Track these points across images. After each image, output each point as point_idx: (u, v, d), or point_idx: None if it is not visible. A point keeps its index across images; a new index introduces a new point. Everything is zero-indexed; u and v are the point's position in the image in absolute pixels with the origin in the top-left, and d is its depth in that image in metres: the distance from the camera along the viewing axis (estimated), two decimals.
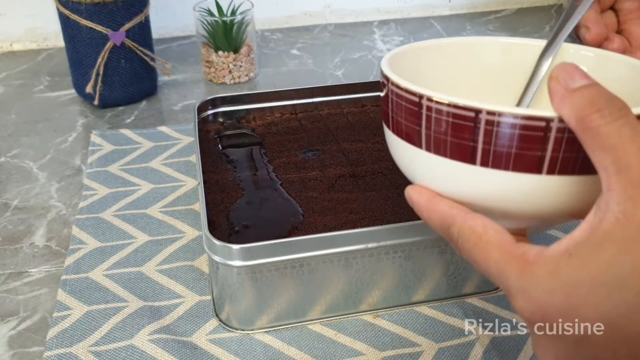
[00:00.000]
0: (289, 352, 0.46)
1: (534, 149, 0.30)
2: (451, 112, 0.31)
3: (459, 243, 0.32)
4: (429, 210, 0.34)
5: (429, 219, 0.34)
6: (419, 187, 0.35)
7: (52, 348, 0.46)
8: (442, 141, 0.32)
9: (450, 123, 0.32)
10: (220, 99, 0.64)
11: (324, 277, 0.46)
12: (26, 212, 0.61)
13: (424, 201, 0.35)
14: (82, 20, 0.73)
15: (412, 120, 0.34)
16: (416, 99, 0.33)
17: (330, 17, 1.04)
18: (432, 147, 0.33)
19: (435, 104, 0.32)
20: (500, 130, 0.30)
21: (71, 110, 0.80)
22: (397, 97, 0.35)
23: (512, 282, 0.29)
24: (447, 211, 0.33)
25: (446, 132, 0.32)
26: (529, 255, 0.29)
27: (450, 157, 0.32)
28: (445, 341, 0.47)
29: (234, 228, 0.49)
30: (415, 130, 0.34)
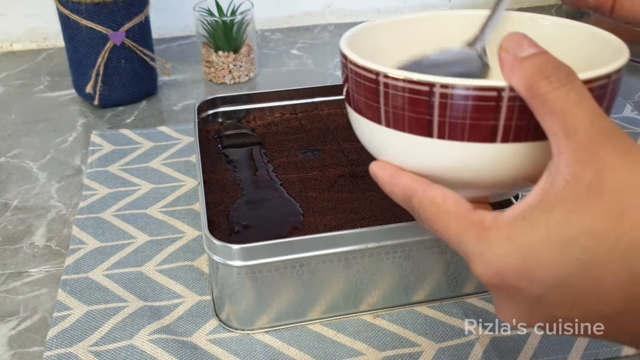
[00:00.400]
0: (289, 352, 0.46)
1: (487, 118, 0.31)
2: (407, 87, 0.32)
3: (420, 214, 0.33)
4: (392, 185, 0.35)
5: (392, 193, 0.35)
6: (382, 162, 0.36)
7: (52, 348, 0.46)
8: (400, 116, 0.33)
9: (406, 98, 0.32)
10: (220, 99, 0.64)
11: (324, 277, 0.46)
12: (26, 212, 0.61)
13: (387, 176, 0.35)
14: (82, 20, 0.73)
15: (371, 98, 0.35)
16: (373, 76, 0.34)
17: (330, 17, 1.04)
18: (391, 122, 0.34)
19: (392, 80, 0.33)
20: (454, 103, 0.31)
21: (71, 110, 0.80)
22: (355, 76, 0.35)
23: (470, 248, 0.30)
24: (409, 184, 0.34)
25: (403, 107, 0.33)
26: (485, 221, 0.29)
27: (409, 131, 0.33)
28: (445, 341, 0.47)
29: (234, 228, 0.49)
30: (374, 107, 0.35)
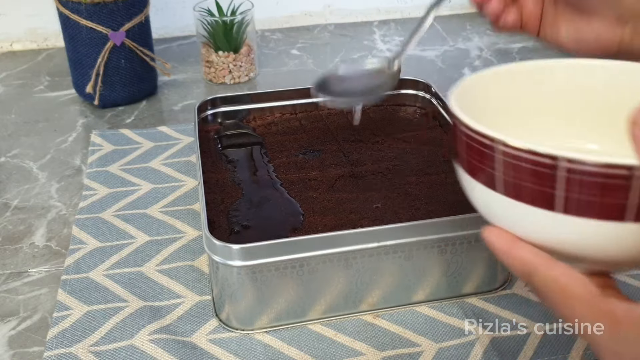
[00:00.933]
0: (289, 352, 0.46)
1: (616, 197, 0.29)
2: (528, 158, 0.30)
3: (542, 292, 0.31)
4: (509, 256, 0.33)
5: (509, 265, 0.33)
6: (498, 230, 0.34)
7: (52, 348, 0.46)
8: (519, 186, 0.31)
9: (527, 169, 0.30)
10: (220, 99, 0.64)
11: (324, 277, 0.46)
12: (26, 212, 0.61)
13: (503, 246, 0.33)
14: (82, 20, 0.73)
15: (487, 164, 0.32)
16: (490, 142, 0.31)
17: (330, 17, 1.04)
18: (509, 191, 0.32)
19: (511, 150, 0.30)
20: (580, 179, 0.29)
21: (71, 110, 0.80)
22: (468, 139, 0.33)
23: (603, 342, 0.28)
24: (529, 258, 0.32)
25: (523, 178, 0.30)
26: (617, 313, 0.28)
27: (529, 203, 0.31)
28: (445, 341, 0.47)
29: (234, 228, 0.49)
30: (490, 174, 0.32)
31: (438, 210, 0.51)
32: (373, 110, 0.66)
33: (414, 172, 0.56)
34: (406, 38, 0.52)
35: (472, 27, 1.02)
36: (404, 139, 0.60)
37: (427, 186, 0.54)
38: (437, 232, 0.46)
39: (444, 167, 0.56)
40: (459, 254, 0.47)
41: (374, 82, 0.54)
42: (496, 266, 0.49)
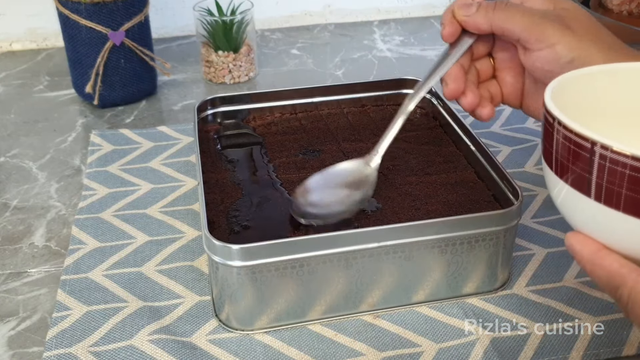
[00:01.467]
0: (289, 353, 0.46)
1: None
2: (630, 164, 0.29)
3: (629, 307, 0.30)
4: (594, 265, 0.32)
5: (593, 273, 0.32)
6: (583, 236, 0.33)
7: (52, 348, 0.46)
8: (615, 193, 0.30)
9: (628, 176, 0.29)
10: (220, 99, 0.64)
11: (324, 277, 0.46)
12: (26, 212, 0.61)
13: (588, 254, 0.32)
14: (82, 20, 0.73)
15: (581, 167, 0.31)
16: (588, 145, 0.30)
17: (330, 17, 1.04)
18: (602, 197, 0.30)
19: (612, 154, 0.29)
20: None
21: (71, 110, 0.79)
22: (564, 139, 0.32)
23: None
24: (616, 269, 0.31)
25: (622, 185, 0.29)
26: None
27: (624, 211, 0.30)
28: (445, 341, 0.46)
29: (233, 228, 0.49)
30: (583, 178, 0.31)
31: (438, 210, 0.51)
32: (373, 110, 0.66)
33: (414, 172, 0.56)
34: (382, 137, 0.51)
35: None
36: (404, 139, 0.60)
37: (427, 186, 0.54)
38: (437, 232, 0.46)
39: (444, 167, 0.56)
40: (459, 254, 0.47)
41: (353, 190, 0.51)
42: (496, 266, 0.49)
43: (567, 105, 0.33)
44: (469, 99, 0.48)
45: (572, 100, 0.36)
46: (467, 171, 0.55)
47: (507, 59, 0.50)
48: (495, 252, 0.48)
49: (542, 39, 0.44)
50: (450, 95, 0.48)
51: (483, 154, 0.54)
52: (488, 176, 0.53)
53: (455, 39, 0.50)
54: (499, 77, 0.51)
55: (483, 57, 0.51)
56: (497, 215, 0.46)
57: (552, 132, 0.33)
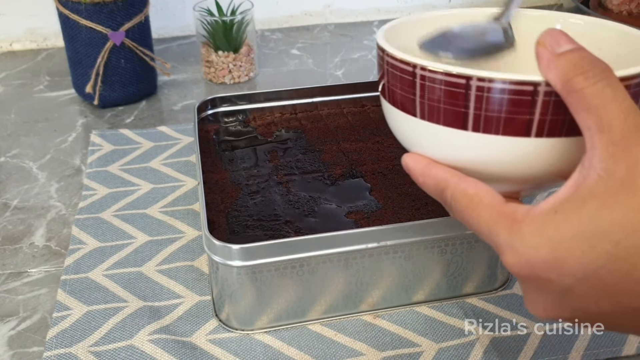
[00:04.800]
0: (289, 352, 0.46)
1: (522, 112, 0.31)
2: (444, 80, 0.33)
3: (452, 205, 0.34)
4: (424, 176, 0.36)
5: (424, 184, 0.36)
6: (415, 154, 0.37)
7: (52, 348, 0.46)
8: (435, 108, 0.34)
9: (443, 90, 0.33)
10: (220, 99, 0.64)
11: (324, 277, 0.46)
12: (26, 212, 0.61)
13: (419, 168, 0.36)
14: (82, 20, 0.73)
15: (407, 90, 0.35)
16: (410, 68, 0.34)
17: (330, 17, 1.04)
18: (426, 114, 0.34)
19: (429, 73, 0.33)
20: (490, 96, 0.31)
21: (71, 110, 0.80)
22: (392, 68, 0.36)
23: (501, 240, 0.30)
24: (441, 176, 0.35)
25: (439, 100, 0.33)
26: (517, 213, 0.30)
27: (444, 123, 0.34)
28: (445, 341, 0.46)
29: (233, 228, 0.49)
30: (410, 99, 0.35)
31: (438, 210, 0.51)
32: (373, 110, 0.66)
33: None
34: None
35: None
36: None
37: None
38: (437, 232, 0.46)
39: None
40: (459, 254, 0.47)
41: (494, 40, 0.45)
42: (496, 266, 0.49)
43: (399, 44, 0.37)
44: None
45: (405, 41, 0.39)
46: None
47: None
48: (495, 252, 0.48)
49: None
50: None
51: None
52: None
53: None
54: None
55: None
56: None
57: (383, 63, 0.37)
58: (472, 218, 0.32)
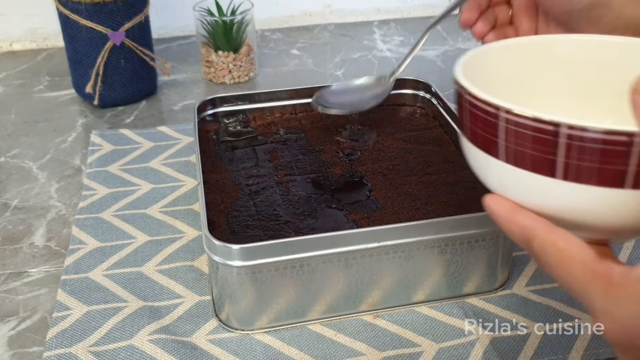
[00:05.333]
0: (289, 352, 0.46)
1: (616, 163, 0.29)
2: (532, 125, 0.30)
3: (541, 257, 0.32)
4: (509, 222, 0.34)
5: (509, 231, 0.34)
6: (498, 197, 0.35)
7: (52, 348, 0.46)
8: (521, 153, 0.32)
9: (530, 136, 0.31)
10: (220, 99, 0.64)
11: (324, 277, 0.46)
12: (26, 212, 0.61)
13: (503, 212, 0.34)
14: (82, 20, 0.73)
15: (490, 132, 0.33)
16: (494, 110, 0.32)
17: (330, 17, 1.04)
18: (511, 159, 0.32)
19: (515, 117, 0.31)
20: (581, 145, 0.29)
21: (71, 110, 0.79)
22: (473, 107, 0.34)
23: (596, 303, 0.29)
24: (528, 224, 0.32)
25: (526, 145, 0.31)
26: (613, 275, 0.28)
27: (531, 169, 0.32)
28: (445, 341, 0.46)
29: (233, 228, 0.49)
30: (493, 142, 0.33)
31: (438, 210, 0.51)
32: (373, 110, 0.65)
33: (414, 172, 0.56)
34: (403, 57, 0.60)
35: None
36: (404, 139, 0.60)
37: (427, 186, 0.54)
38: (437, 232, 0.46)
39: (444, 167, 0.56)
40: (459, 254, 0.47)
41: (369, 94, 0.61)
42: (496, 266, 0.49)
43: (478, 77, 0.35)
44: (479, 27, 0.52)
45: (484, 72, 0.38)
46: (467, 171, 0.55)
47: (522, 4, 0.52)
48: (495, 252, 0.48)
49: None
50: (464, 22, 0.52)
51: None
52: None
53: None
54: (516, 22, 0.53)
55: (502, 4, 0.53)
56: None
57: (462, 101, 0.35)
58: (563, 273, 0.30)
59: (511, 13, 0.53)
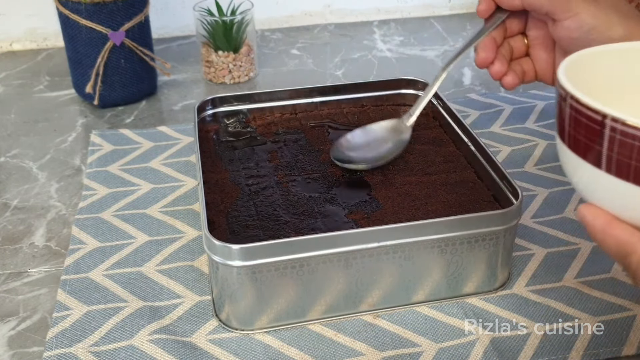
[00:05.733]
0: (289, 352, 0.46)
1: None
2: (638, 135, 0.29)
3: (638, 274, 0.31)
4: (605, 234, 0.33)
5: (604, 243, 0.33)
6: (595, 208, 0.34)
7: (52, 348, 0.46)
8: (625, 165, 0.30)
9: (637, 147, 0.30)
10: (220, 99, 0.64)
11: (324, 277, 0.46)
12: (26, 212, 0.61)
13: (599, 224, 0.33)
14: (82, 20, 0.73)
15: (592, 139, 0.32)
16: (599, 117, 0.31)
17: (330, 17, 1.04)
18: (613, 169, 0.31)
19: (622, 126, 0.30)
20: None
21: (71, 110, 0.79)
22: (576, 112, 0.32)
23: None
24: (627, 238, 0.32)
25: (631, 156, 0.30)
26: None
27: (634, 182, 0.31)
28: (445, 341, 0.46)
29: (233, 228, 0.49)
30: (595, 150, 0.32)
31: (438, 210, 0.51)
32: (373, 110, 0.66)
33: (414, 172, 0.56)
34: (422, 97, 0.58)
35: (472, 27, 1.02)
36: None
37: (427, 186, 0.54)
38: (437, 232, 0.46)
39: (444, 167, 0.56)
40: (459, 254, 0.47)
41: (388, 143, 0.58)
42: (496, 266, 0.49)
43: (581, 82, 0.33)
44: (496, 67, 0.53)
45: (586, 76, 0.36)
46: (467, 171, 0.55)
47: (539, 36, 0.54)
48: (495, 252, 0.48)
49: (567, 9, 0.49)
50: (480, 62, 0.53)
51: (483, 154, 0.54)
52: (488, 176, 0.53)
53: (489, 14, 0.54)
54: (532, 54, 0.55)
55: (516, 35, 0.55)
56: (497, 215, 0.47)
57: (565, 106, 0.33)
58: None
59: (527, 44, 0.55)
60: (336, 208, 0.51)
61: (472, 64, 0.89)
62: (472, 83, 0.84)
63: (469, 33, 1.00)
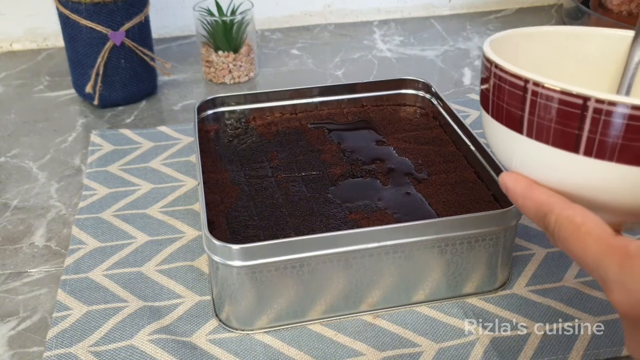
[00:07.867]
0: (289, 352, 0.46)
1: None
2: (560, 98, 0.31)
3: (555, 232, 0.32)
4: (525, 198, 0.34)
5: (524, 207, 0.34)
6: (515, 174, 0.35)
7: (52, 348, 0.46)
8: (545, 127, 0.32)
9: (556, 109, 0.31)
10: (220, 99, 0.64)
11: (324, 277, 0.46)
12: (26, 212, 0.61)
13: (520, 189, 0.34)
14: (82, 20, 0.73)
15: (514, 105, 0.33)
16: (521, 83, 0.32)
17: (330, 17, 1.04)
18: (534, 133, 0.32)
19: (543, 89, 0.31)
20: (607, 120, 0.29)
21: (71, 110, 0.79)
22: (500, 81, 0.34)
23: (611, 276, 0.28)
24: (545, 199, 0.33)
25: (551, 119, 0.31)
26: (629, 248, 0.28)
27: (553, 144, 0.32)
28: (445, 341, 0.46)
29: (233, 228, 0.49)
30: (517, 115, 0.33)
31: (438, 210, 0.51)
32: (373, 110, 0.66)
33: (413, 172, 0.56)
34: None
35: (472, 27, 1.02)
36: (404, 139, 0.60)
37: (427, 186, 0.54)
38: (437, 232, 0.46)
39: (444, 167, 0.56)
40: (459, 254, 0.47)
41: None
42: (496, 266, 0.49)
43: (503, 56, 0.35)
44: None
45: (509, 52, 0.38)
46: (467, 171, 0.55)
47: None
48: (495, 252, 0.48)
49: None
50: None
51: (483, 154, 0.54)
52: (488, 176, 0.53)
53: None
54: None
55: None
56: (497, 215, 0.47)
57: (489, 76, 0.35)
58: (578, 248, 0.30)
59: None
60: (336, 208, 0.51)
61: (472, 64, 0.89)
62: (472, 83, 0.84)
63: (469, 33, 1.00)
